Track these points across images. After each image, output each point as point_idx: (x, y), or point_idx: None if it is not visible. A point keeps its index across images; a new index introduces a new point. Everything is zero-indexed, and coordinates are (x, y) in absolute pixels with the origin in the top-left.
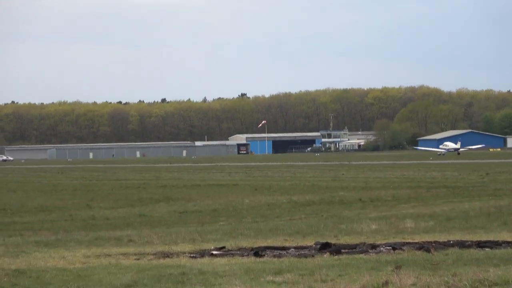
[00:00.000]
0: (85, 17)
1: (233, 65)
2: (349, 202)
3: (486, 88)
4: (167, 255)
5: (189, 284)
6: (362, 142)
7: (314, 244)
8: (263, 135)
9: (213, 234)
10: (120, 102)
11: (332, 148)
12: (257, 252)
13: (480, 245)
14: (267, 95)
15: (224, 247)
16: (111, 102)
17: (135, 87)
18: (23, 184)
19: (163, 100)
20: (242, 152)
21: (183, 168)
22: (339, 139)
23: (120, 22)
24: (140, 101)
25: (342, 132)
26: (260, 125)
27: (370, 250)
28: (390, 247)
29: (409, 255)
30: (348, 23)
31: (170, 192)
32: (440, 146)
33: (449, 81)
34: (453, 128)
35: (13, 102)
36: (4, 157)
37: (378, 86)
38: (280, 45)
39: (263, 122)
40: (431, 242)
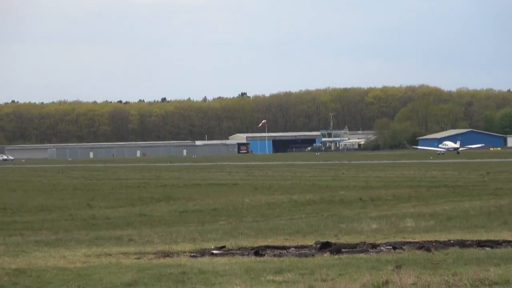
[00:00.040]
0: (85, 17)
1: (233, 65)
2: (349, 202)
3: (486, 87)
4: (167, 254)
5: (190, 283)
6: (362, 141)
7: (315, 243)
8: (264, 134)
9: (214, 233)
10: (120, 102)
11: (332, 148)
12: (258, 252)
13: (481, 244)
14: (267, 94)
15: (224, 247)
16: (111, 102)
17: (135, 86)
18: (23, 184)
19: (163, 100)
20: (242, 152)
21: (184, 168)
22: (339, 139)
23: (120, 22)
24: (140, 100)
25: (342, 131)
26: (260, 124)
27: (371, 250)
28: (391, 247)
29: (409, 255)
30: (348, 22)
31: (171, 192)
32: (440, 146)
33: (449, 80)
34: (454, 127)
35: (13, 101)
36: (5, 157)
37: (378, 85)
38: (280, 45)
39: (263, 121)
40: (431, 242)
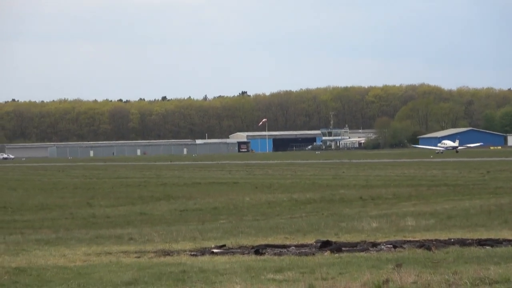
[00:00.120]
0: (86, 15)
1: (234, 63)
2: (349, 200)
3: (486, 86)
4: (167, 253)
5: (190, 282)
6: (362, 140)
7: (315, 242)
8: (264, 133)
9: (214, 232)
10: (120, 100)
11: (333, 146)
12: (258, 250)
13: (481, 243)
14: (267, 93)
15: (224, 245)
16: (111, 100)
17: (135, 85)
18: (23, 182)
19: (164, 98)
20: (242, 150)
21: (184, 166)
22: (339, 137)
23: (121, 20)
24: (140, 99)
25: (342, 130)
26: (261, 123)
27: (371, 248)
28: (391, 245)
29: (409, 253)
30: (348, 22)
31: (171, 190)
32: (438, 144)
33: (449, 79)
34: (454, 126)
35: (13, 100)
36: (5, 155)
37: (379, 84)
38: (280, 43)
39: (263, 120)
40: (431, 240)
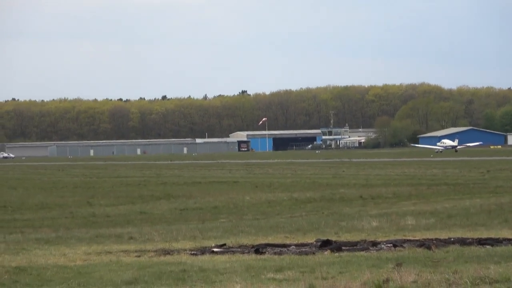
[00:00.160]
0: (86, 15)
1: (234, 62)
2: (349, 199)
3: (486, 86)
4: (167, 252)
5: (190, 281)
6: (362, 139)
7: (315, 241)
8: (264, 132)
9: (214, 231)
10: (120, 99)
11: (333, 146)
12: (258, 249)
13: (481, 242)
14: (267, 92)
15: (224, 244)
16: (111, 99)
17: (135, 84)
18: (23, 181)
19: (164, 97)
20: (242, 149)
21: (184, 165)
22: (339, 136)
23: (121, 20)
24: (140, 98)
25: (342, 129)
26: (261, 122)
27: (371, 248)
28: (391, 244)
29: (410, 253)
30: (349, 21)
31: (171, 189)
32: (438, 144)
33: (449, 78)
34: (454, 125)
35: (13, 99)
36: (5, 154)
37: (379, 83)
38: (280, 43)
39: (263, 119)
40: (432, 240)
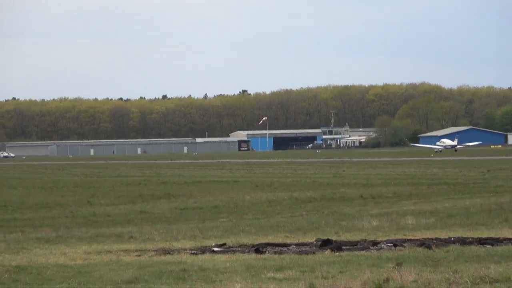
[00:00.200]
0: (86, 14)
1: (234, 62)
2: (350, 199)
3: (487, 85)
4: (168, 251)
5: (190, 280)
6: (363, 139)
7: (315, 240)
8: (264, 131)
9: (214, 230)
10: (121, 99)
11: (333, 145)
12: (258, 249)
13: (481, 242)
14: (268, 92)
15: (225, 244)
16: (112, 99)
17: (136, 83)
18: (24, 181)
19: (164, 97)
20: (243, 149)
21: (184, 165)
22: (340, 136)
23: (121, 19)
24: (141, 97)
25: (343, 129)
26: (261, 121)
27: (371, 247)
28: (391, 244)
29: (410, 252)
30: (349, 20)
31: (171, 189)
32: (437, 143)
33: (450, 78)
34: (454, 125)
35: (14, 98)
36: (5, 154)
37: (379, 83)
38: (281, 42)
39: (264, 118)
40: (432, 239)
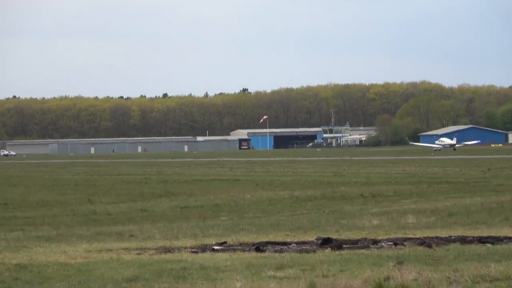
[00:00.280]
0: (87, 12)
1: (235, 60)
2: (350, 198)
3: (487, 84)
4: (168, 250)
5: (190, 279)
6: (363, 137)
7: (316, 239)
8: (265, 130)
9: (215, 229)
10: (121, 97)
11: (334, 144)
12: (259, 247)
13: (482, 240)
14: (268, 90)
15: (225, 242)
16: (112, 97)
17: (136, 82)
18: (24, 179)
19: (165, 95)
20: (243, 147)
21: (185, 163)
22: (340, 135)
23: (122, 17)
24: (141, 96)
25: (343, 127)
26: (262, 120)
27: (372, 246)
28: (392, 243)
29: (410, 251)
30: (349, 18)
31: (172, 187)
32: (436, 142)
33: (450, 76)
34: (455, 123)
35: (14, 96)
36: (6, 152)
37: (380, 81)
38: (281, 40)
39: (264, 117)
40: (432, 238)
